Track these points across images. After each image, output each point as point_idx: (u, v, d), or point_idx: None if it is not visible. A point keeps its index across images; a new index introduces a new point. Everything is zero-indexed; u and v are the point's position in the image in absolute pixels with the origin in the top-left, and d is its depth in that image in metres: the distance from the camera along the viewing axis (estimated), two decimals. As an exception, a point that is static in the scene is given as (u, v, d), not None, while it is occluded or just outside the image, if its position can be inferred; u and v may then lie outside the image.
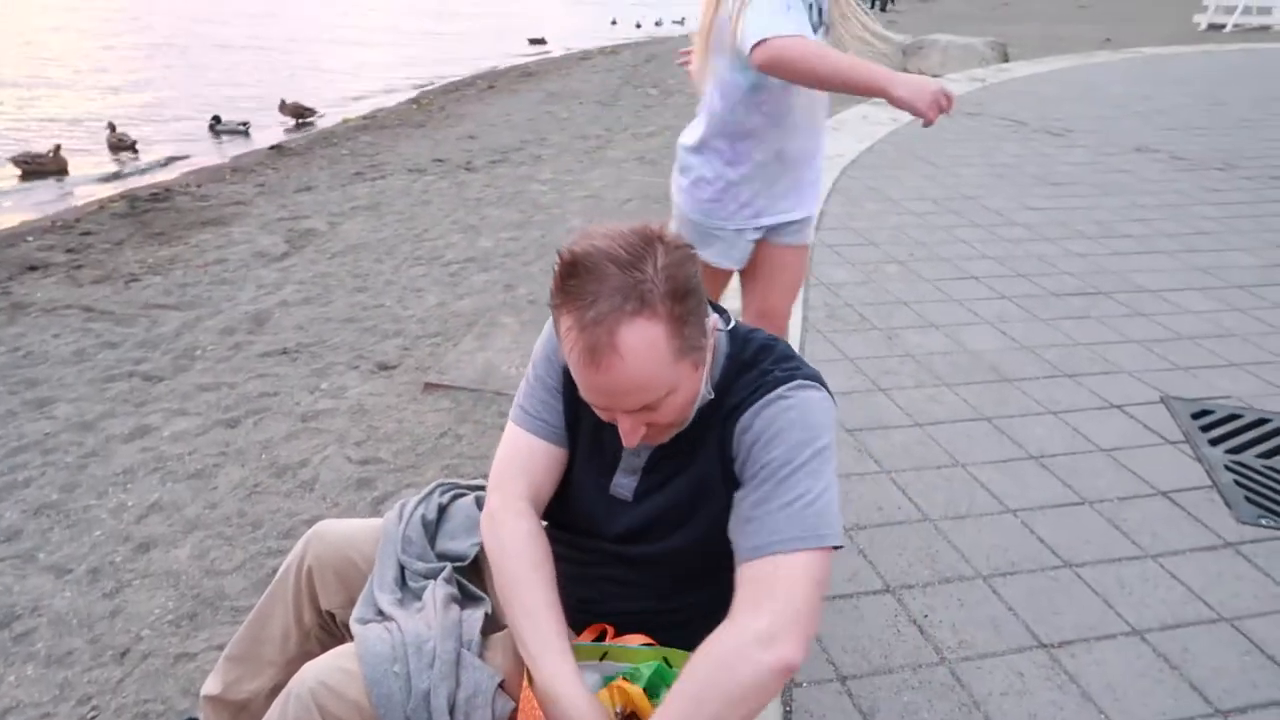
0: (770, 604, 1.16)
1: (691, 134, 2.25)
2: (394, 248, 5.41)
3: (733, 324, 1.40)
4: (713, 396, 1.33)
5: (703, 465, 1.34)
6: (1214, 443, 2.96)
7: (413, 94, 12.50)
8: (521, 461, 1.47)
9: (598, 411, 1.29)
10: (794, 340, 3.56)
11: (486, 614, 1.51)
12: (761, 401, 1.27)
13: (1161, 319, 3.93)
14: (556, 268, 1.18)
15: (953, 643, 2.09)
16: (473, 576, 1.66)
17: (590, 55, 16.17)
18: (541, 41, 19.37)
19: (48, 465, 3.10)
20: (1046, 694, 1.95)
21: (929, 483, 2.71)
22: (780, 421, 1.25)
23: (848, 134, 7.56)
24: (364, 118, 10.68)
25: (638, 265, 1.14)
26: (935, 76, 11.30)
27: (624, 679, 1.35)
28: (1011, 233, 5.11)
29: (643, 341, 1.14)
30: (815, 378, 1.32)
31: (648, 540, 1.40)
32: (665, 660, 1.37)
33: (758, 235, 2.28)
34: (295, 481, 2.98)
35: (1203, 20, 18.13)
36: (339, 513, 2.80)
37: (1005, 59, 12.74)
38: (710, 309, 1.40)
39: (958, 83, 10.53)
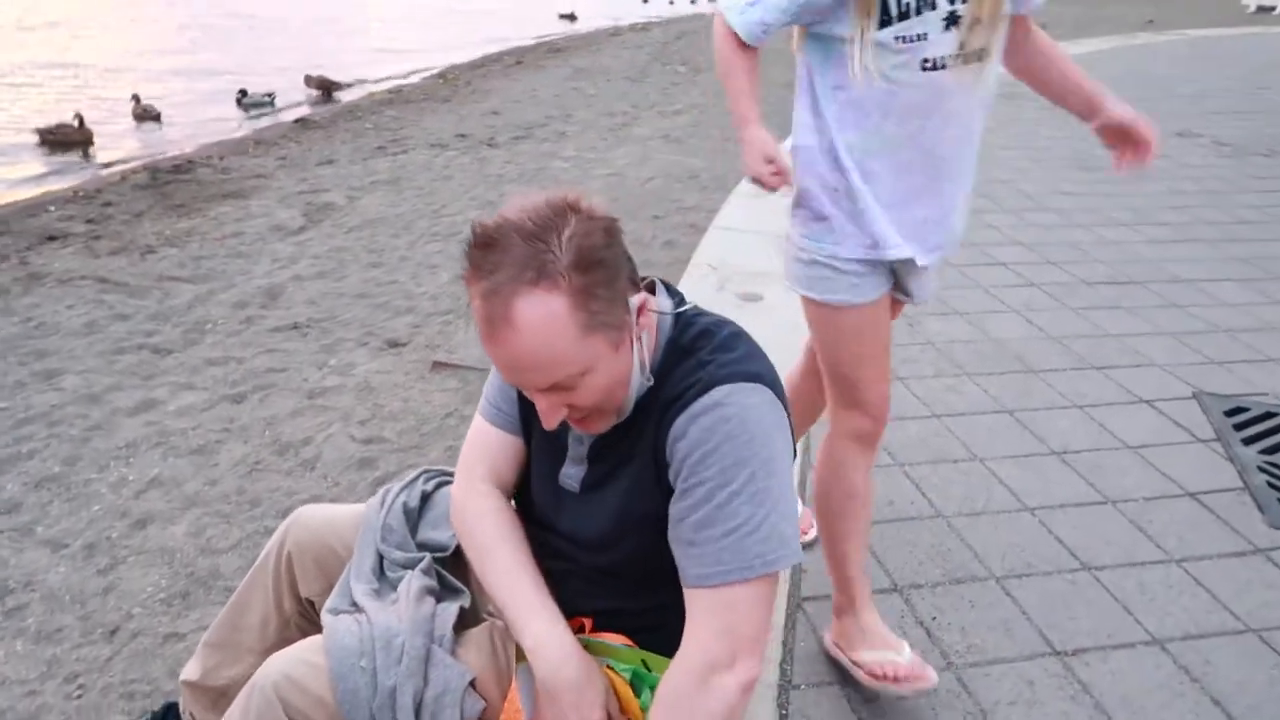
0: (726, 632, 1.15)
1: None
2: (411, 223, 5.35)
3: (685, 307, 1.32)
4: (651, 383, 1.24)
5: (640, 463, 1.25)
6: (1247, 442, 2.83)
7: (440, 69, 12.41)
8: (481, 450, 1.45)
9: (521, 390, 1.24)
10: (810, 326, 3.46)
11: (463, 608, 1.45)
12: (695, 408, 1.17)
13: (1196, 311, 3.78)
14: (469, 240, 1.14)
15: (961, 647, 2.00)
16: (454, 568, 1.59)
17: (620, 31, 16.00)
18: (572, 17, 19.20)
19: (52, 437, 3.08)
20: (1057, 704, 1.85)
21: (944, 477, 2.61)
22: (716, 435, 1.15)
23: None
24: (389, 92, 10.63)
25: (542, 236, 1.09)
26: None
27: (607, 666, 1.28)
28: (1043, 218, 4.96)
29: (540, 314, 1.08)
30: (759, 375, 1.21)
31: (595, 540, 1.32)
32: (644, 663, 1.30)
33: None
34: (297, 460, 2.93)
35: (1251, 2, 17.61)
36: (339, 492, 2.75)
37: (1044, 39, 12.42)
38: (663, 289, 1.34)
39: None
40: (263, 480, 2.81)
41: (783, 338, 3.38)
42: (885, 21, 1.54)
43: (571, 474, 1.35)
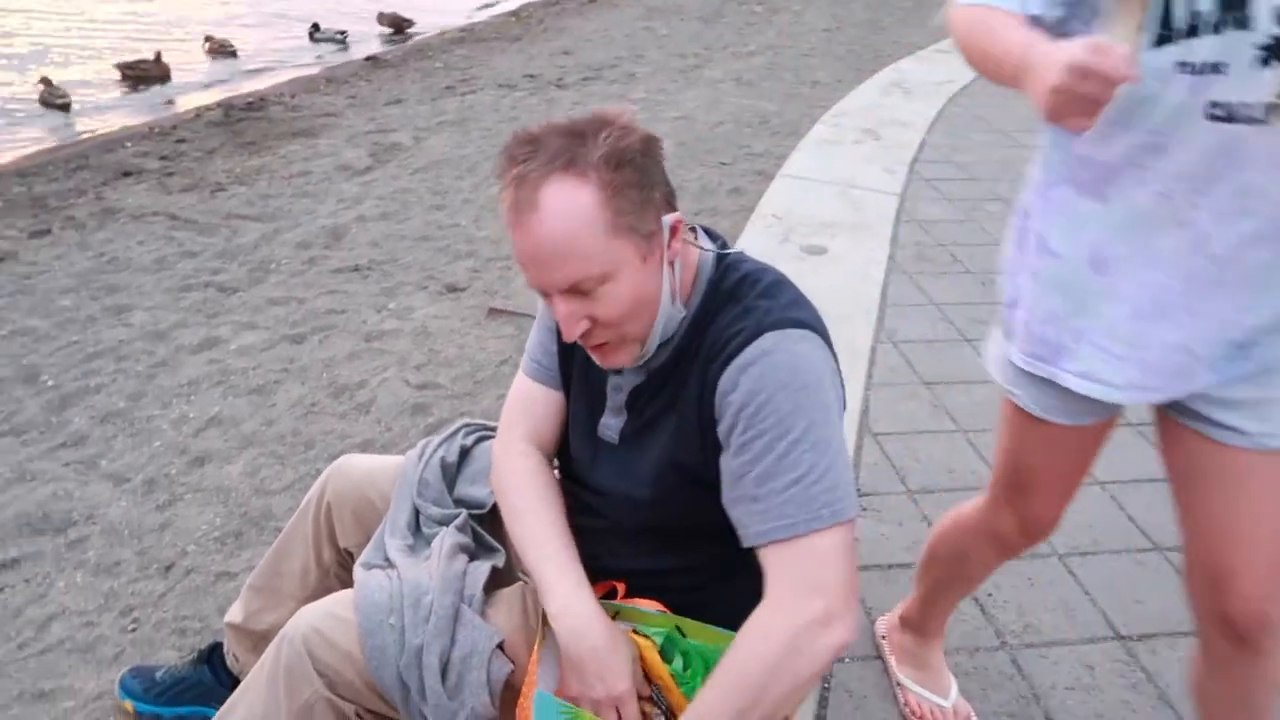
0: (807, 586, 1.08)
1: None
2: (476, 165, 5.31)
3: (730, 254, 1.26)
4: (683, 315, 1.21)
5: (682, 414, 1.20)
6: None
7: (514, 6, 12.26)
8: (522, 406, 1.42)
9: (543, 301, 1.22)
10: (875, 280, 3.34)
11: (496, 567, 1.42)
12: (744, 357, 1.11)
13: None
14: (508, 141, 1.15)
15: (1017, 626, 1.91)
16: (491, 526, 1.56)
17: (697, -31, 15.57)
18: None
19: (119, 373, 3.14)
20: (1117, 692, 1.76)
21: (1010, 446, 2.49)
22: (768, 384, 1.10)
23: (960, 58, 7.06)
24: (461, 30, 10.53)
25: (578, 134, 1.10)
26: None
27: (635, 631, 1.24)
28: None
29: (567, 201, 1.07)
30: (806, 322, 1.15)
31: (631, 492, 1.28)
32: (678, 629, 1.25)
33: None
34: (352, 403, 2.94)
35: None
36: (391, 438, 2.76)
37: (1146, -21, 11.73)
38: (704, 233, 1.29)
39: None
40: (317, 423, 2.83)
41: (846, 291, 3.27)
42: (1164, 38, 1.03)
43: (610, 425, 1.32)
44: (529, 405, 1.43)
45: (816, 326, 1.17)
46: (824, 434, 1.10)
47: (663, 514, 1.27)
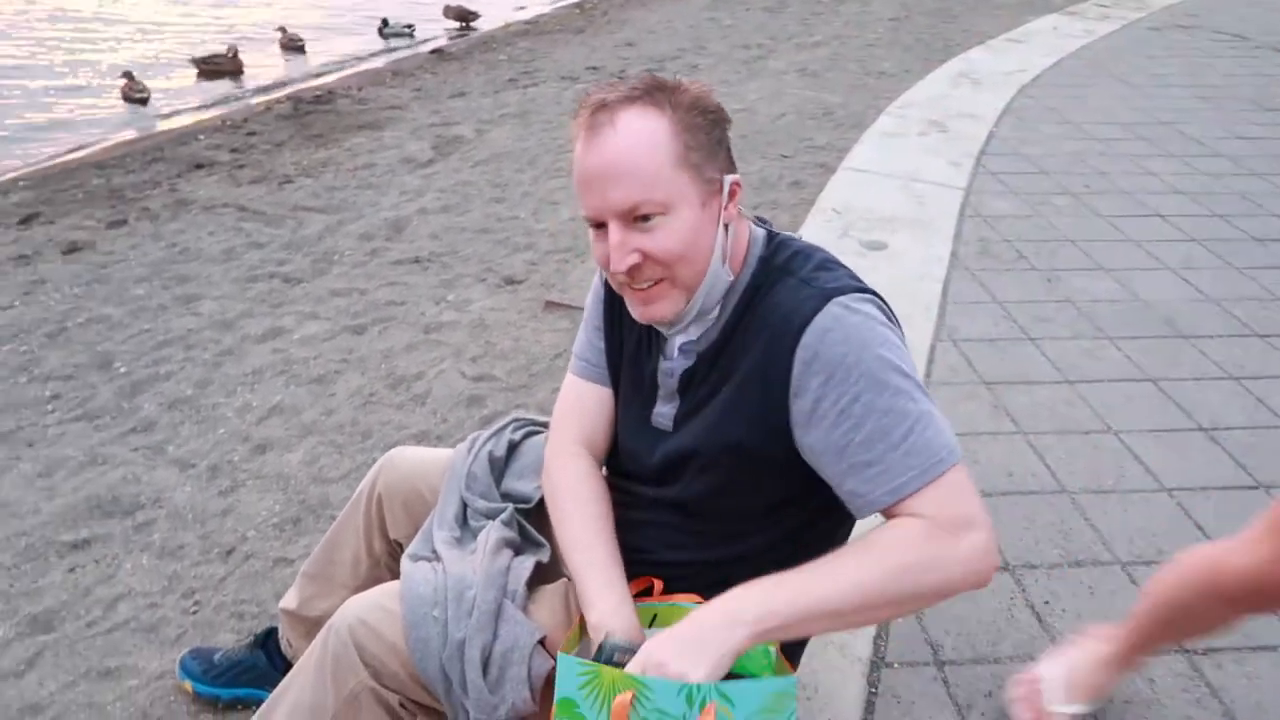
0: (969, 523, 1.06)
1: None
2: (536, 158, 5.34)
3: (780, 234, 1.30)
4: (730, 280, 1.23)
5: (742, 391, 1.20)
6: None
7: (578, -2, 12.27)
8: (573, 407, 1.45)
9: (593, 235, 1.20)
10: (936, 278, 3.27)
11: (540, 562, 1.43)
12: (819, 324, 1.12)
13: (1386, 275, 3.38)
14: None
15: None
16: (537, 521, 1.57)
17: (763, -42, 15.41)
18: (714, -56, 18.62)
19: (187, 361, 3.24)
20: (1180, 707, 1.70)
21: (1072, 449, 2.42)
22: (851, 345, 1.10)
23: (1032, 47, 6.88)
24: (525, 22, 10.58)
25: (663, 85, 1.17)
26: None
27: None
28: (1213, 165, 4.51)
29: (642, 124, 1.13)
30: (866, 290, 1.19)
31: (685, 475, 1.28)
32: None
33: None
34: (409, 394, 2.99)
35: None
36: (446, 429, 2.79)
37: (1233, -37, 11.26)
38: (759, 219, 1.32)
39: (1171, -9, 9.40)
40: (375, 413, 2.88)
41: (906, 288, 3.21)
42: None
43: (664, 412, 1.32)
44: (579, 405, 1.45)
45: (875, 292, 1.19)
46: (916, 382, 1.12)
47: (709, 494, 1.27)
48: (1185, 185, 4.25)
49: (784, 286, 1.19)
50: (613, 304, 1.40)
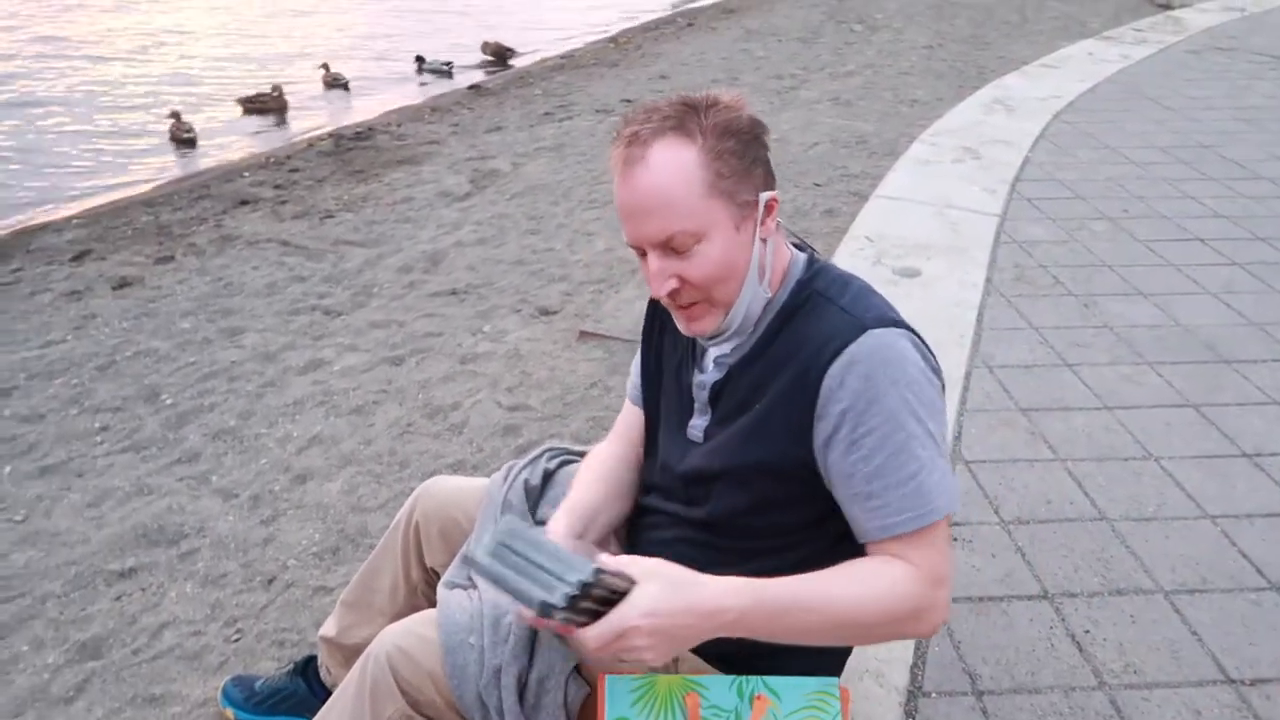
0: (938, 579, 1.15)
1: None
2: (570, 190, 5.41)
3: (820, 259, 1.34)
4: (768, 298, 1.27)
5: (770, 410, 1.23)
6: None
7: (612, 32, 12.45)
8: (618, 424, 1.58)
9: (639, 262, 1.26)
10: (971, 304, 3.25)
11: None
12: (850, 354, 1.15)
13: None
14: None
15: (1117, 666, 1.83)
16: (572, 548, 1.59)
17: (796, -11, 15.52)
18: (747, -24, 18.79)
19: (231, 392, 3.31)
20: (1227, 740, 1.67)
21: (1112, 476, 2.39)
22: (878, 381, 1.13)
23: (1067, 72, 6.85)
24: (560, 57, 10.74)
25: (693, 105, 1.19)
26: (1183, 7, 10.06)
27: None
28: (1254, 188, 4.45)
29: (672, 157, 1.15)
30: (903, 323, 1.21)
31: (714, 492, 1.31)
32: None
33: None
34: (446, 424, 3.03)
35: None
36: (482, 459, 2.82)
37: (1272, -16, 11.15)
38: (801, 244, 1.35)
39: (1209, 13, 9.32)
40: (413, 443, 2.92)
41: (940, 315, 3.20)
42: None
43: (697, 424, 1.36)
44: (628, 420, 1.55)
45: (911, 327, 1.21)
46: (932, 429, 1.15)
47: (749, 517, 1.29)
48: (1226, 209, 4.20)
49: (820, 312, 1.22)
50: (653, 322, 1.46)
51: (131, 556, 2.47)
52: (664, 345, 1.45)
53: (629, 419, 1.55)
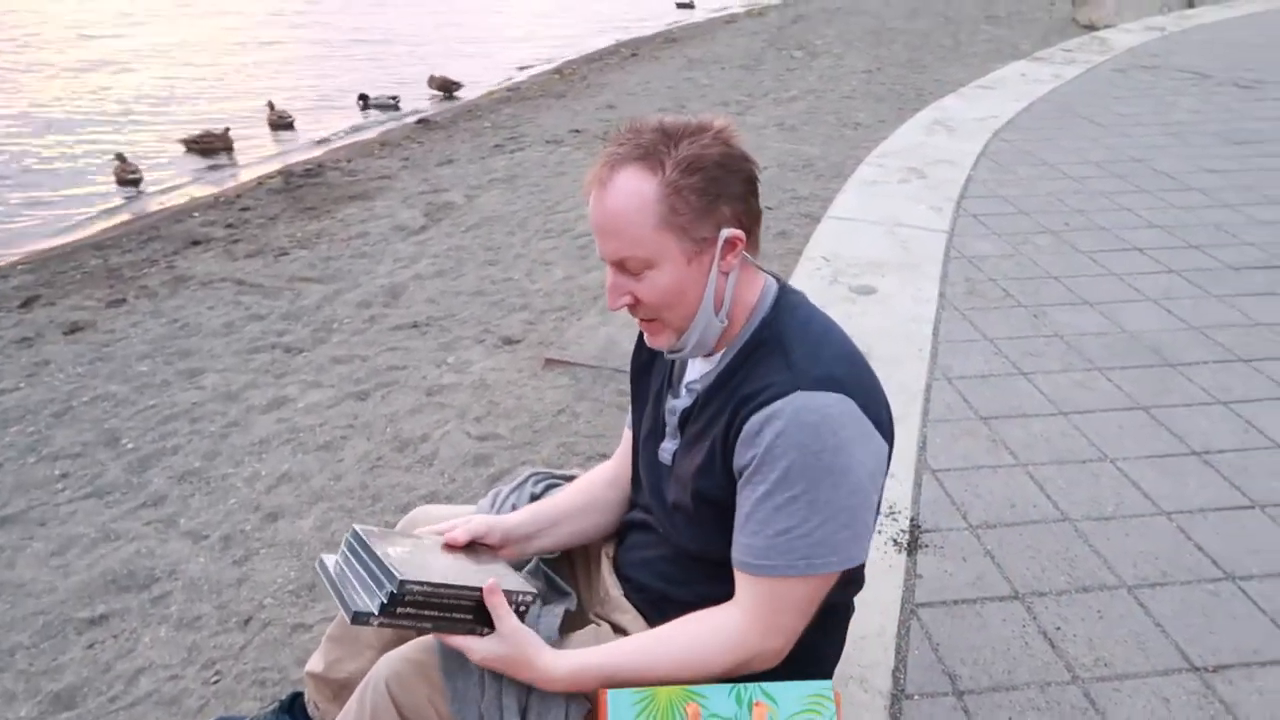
0: (769, 623, 1.23)
1: None
2: (526, 220, 5.45)
3: (792, 293, 1.36)
4: (725, 325, 1.29)
5: (712, 441, 1.29)
6: None
7: (557, 64, 12.58)
8: (622, 442, 1.62)
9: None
10: (926, 319, 3.35)
11: (569, 610, 1.47)
12: (771, 410, 1.19)
13: (1361, 296, 3.48)
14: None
15: (1088, 660, 1.90)
16: (563, 569, 1.62)
17: (736, 18, 15.82)
18: (689, 5, 19.10)
19: (194, 434, 3.27)
20: (1196, 725, 1.74)
21: (1071, 478, 2.48)
22: (786, 440, 1.17)
23: (1003, 93, 7.09)
24: (507, 89, 10.83)
25: (671, 135, 1.21)
26: (1107, 28, 10.46)
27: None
28: (1185, 199, 4.65)
29: (633, 188, 1.19)
30: (842, 383, 1.21)
31: (676, 517, 1.37)
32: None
33: None
34: (416, 456, 3.03)
35: None
36: (455, 489, 2.82)
37: (1190, 4, 11.68)
38: (773, 279, 1.37)
39: (1132, 33, 9.71)
40: (384, 476, 2.92)
41: (898, 330, 3.29)
42: None
43: (667, 448, 1.41)
44: (625, 442, 1.60)
45: (852, 385, 1.22)
46: (825, 495, 1.18)
47: (701, 539, 1.34)
48: (1160, 219, 4.37)
49: (771, 360, 1.25)
50: (641, 346, 1.51)
51: (101, 603, 2.43)
52: (650, 368, 1.50)
53: (626, 441, 1.60)
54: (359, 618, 1.18)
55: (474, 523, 1.44)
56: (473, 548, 1.43)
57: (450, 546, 1.40)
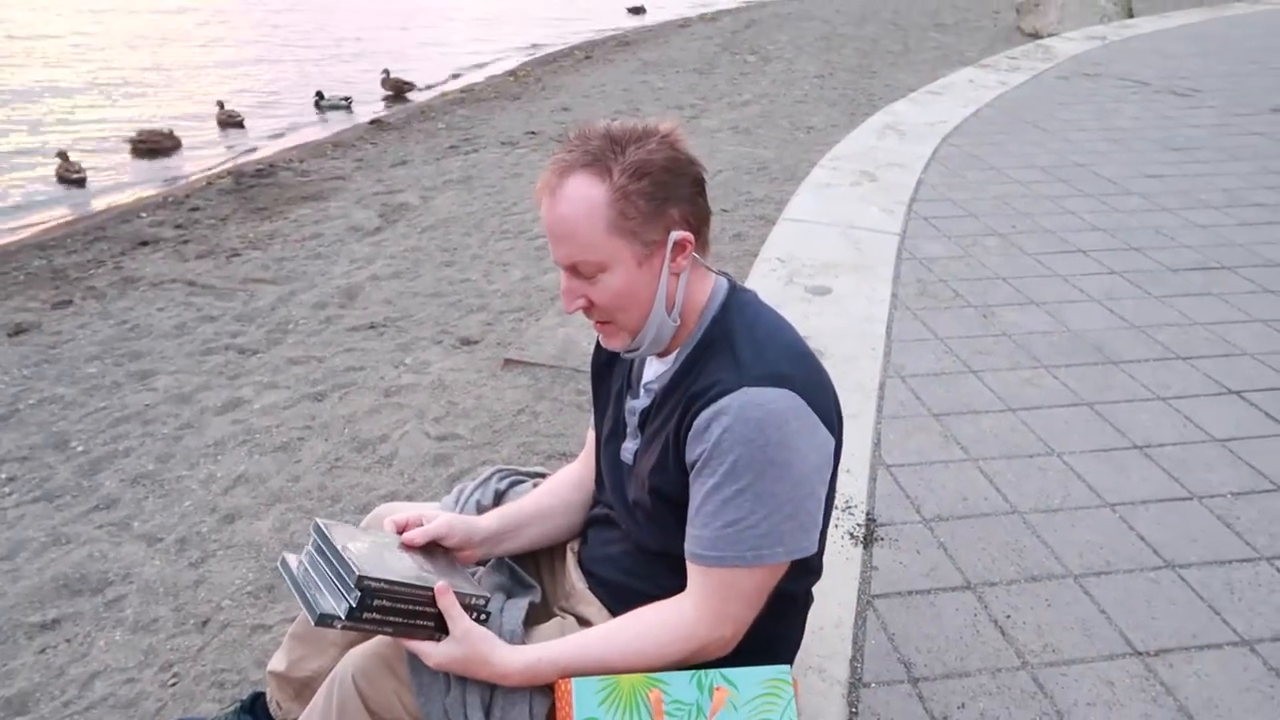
0: (720, 611, 1.27)
1: None
2: (482, 221, 5.44)
3: (742, 291, 1.38)
4: (677, 324, 1.32)
5: (664, 441, 1.32)
6: (1345, 434, 2.70)
7: (511, 66, 12.55)
8: (586, 443, 1.65)
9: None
10: (879, 319, 3.42)
11: (533, 603, 1.49)
12: (718, 406, 1.23)
13: (1291, 296, 3.62)
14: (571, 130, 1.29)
15: (1037, 646, 1.96)
16: (527, 564, 1.64)
17: (690, 22, 15.91)
18: (641, 10, 19.17)
19: (146, 436, 3.22)
20: (1139, 706, 1.81)
21: (1019, 472, 2.56)
22: (732, 436, 1.21)
23: (951, 99, 7.23)
24: (461, 91, 10.77)
25: (620, 141, 1.23)
26: (1051, 36, 10.72)
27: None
28: (1126, 203, 4.79)
29: (581, 195, 1.22)
30: (789, 379, 1.24)
31: (636, 514, 1.40)
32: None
33: None
34: (375, 456, 3.01)
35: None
36: (415, 489, 2.82)
37: (1130, 14, 12.01)
38: (719, 272, 1.39)
39: (1074, 41, 9.96)
40: (343, 477, 2.90)
41: (852, 330, 3.35)
42: None
43: (628, 447, 1.44)
44: (589, 443, 1.62)
45: (798, 381, 1.25)
46: (772, 488, 1.22)
47: (661, 536, 1.37)
48: (1102, 222, 4.50)
49: (720, 358, 1.28)
50: (600, 348, 1.52)
51: (53, 608, 2.39)
52: (610, 370, 1.52)
53: (590, 441, 1.62)
54: (324, 619, 1.20)
55: (435, 525, 1.44)
56: (430, 549, 1.44)
57: (408, 547, 1.40)
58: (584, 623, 1.46)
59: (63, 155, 7.41)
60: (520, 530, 1.57)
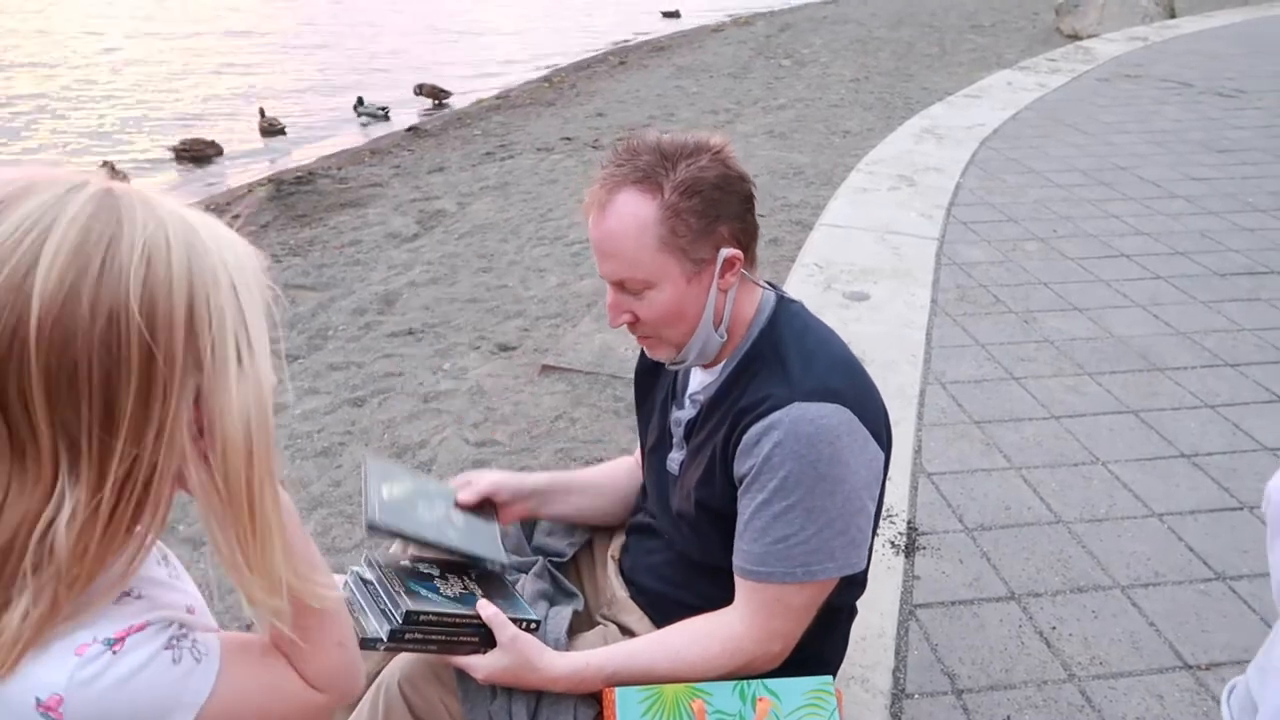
0: (768, 627, 1.26)
1: None
2: (519, 227, 5.47)
3: (790, 302, 1.37)
4: (723, 339, 1.32)
5: (710, 454, 1.32)
6: (1402, 443, 2.63)
7: (545, 72, 12.62)
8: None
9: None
10: (919, 325, 3.39)
11: (576, 611, 1.50)
12: (769, 421, 1.22)
13: (1344, 302, 3.55)
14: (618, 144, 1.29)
15: (1084, 659, 1.93)
16: (569, 572, 1.64)
17: (723, 27, 15.93)
18: (675, 14, 19.20)
19: (191, 440, 3.27)
20: (1189, 721, 1.78)
21: (1064, 481, 2.52)
22: (783, 451, 1.20)
23: (989, 102, 7.16)
24: (497, 97, 10.86)
25: (670, 156, 1.21)
26: (1090, 37, 10.59)
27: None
28: (1170, 206, 4.71)
29: (631, 211, 1.21)
30: (839, 393, 1.23)
31: (682, 525, 1.40)
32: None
33: None
34: (414, 461, 3.04)
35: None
36: (454, 494, 2.84)
37: (1172, 14, 11.82)
38: (766, 284, 1.38)
39: (1115, 42, 9.82)
40: (383, 481, 2.93)
41: (892, 336, 3.33)
42: None
43: (674, 458, 1.43)
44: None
45: (849, 395, 1.24)
46: (823, 504, 1.21)
47: (704, 548, 1.37)
48: (1146, 226, 4.43)
49: (769, 371, 1.28)
50: (645, 356, 1.52)
51: (102, 610, 2.43)
52: (654, 379, 1.52)
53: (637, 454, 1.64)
54: (367, 644, 1.23)
55: (484, 483, 1.49)
56: (483, 508, 1.49)
57: (461, 506, 1.45)
58: (626, 631, 1.47)
59: (109, 165, 7.57)
60: (567, 495, 1.59)
